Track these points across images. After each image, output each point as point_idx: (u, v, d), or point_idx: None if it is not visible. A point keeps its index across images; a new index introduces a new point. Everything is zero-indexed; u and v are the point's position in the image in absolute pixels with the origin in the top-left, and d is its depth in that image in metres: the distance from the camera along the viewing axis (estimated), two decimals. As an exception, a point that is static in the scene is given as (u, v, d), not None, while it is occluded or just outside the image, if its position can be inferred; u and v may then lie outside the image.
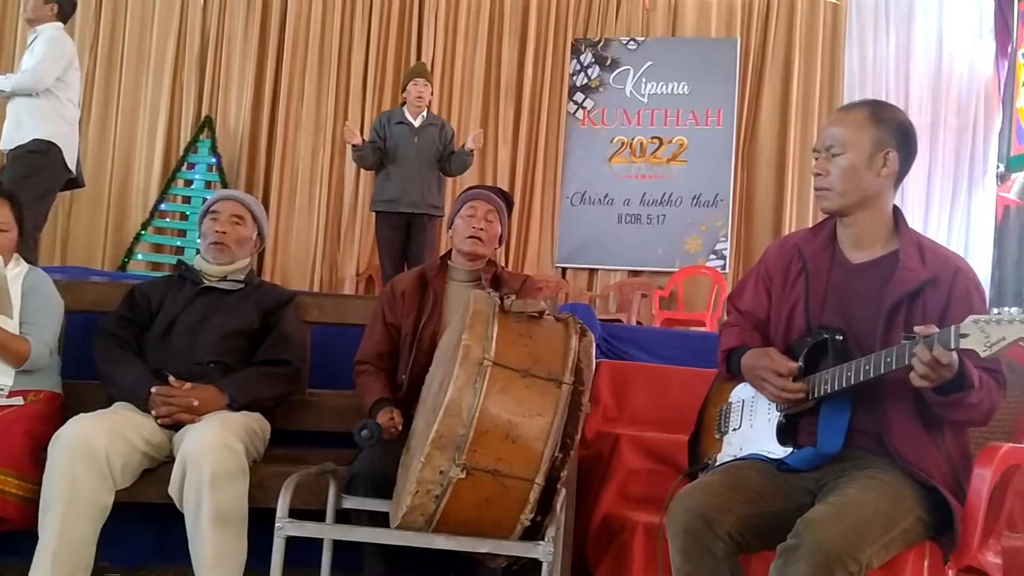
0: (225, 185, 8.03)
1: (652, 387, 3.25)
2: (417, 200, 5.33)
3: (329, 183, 8.44)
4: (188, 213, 8.16)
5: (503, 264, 5.82)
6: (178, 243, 8.15)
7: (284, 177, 8.43)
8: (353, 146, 5.37)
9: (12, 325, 2.67)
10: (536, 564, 2.01)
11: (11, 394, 2.66)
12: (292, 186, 8.43)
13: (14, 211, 2.88)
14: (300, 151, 8.45)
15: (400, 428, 2.46)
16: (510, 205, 3.06)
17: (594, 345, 2.01)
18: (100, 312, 2.99)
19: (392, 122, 5.45)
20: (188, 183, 8.22)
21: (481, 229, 2.84)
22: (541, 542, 1.92)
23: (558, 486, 1.90)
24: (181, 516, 2.41)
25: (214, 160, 8.15)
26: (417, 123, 5.40)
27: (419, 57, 8.43)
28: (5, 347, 2.64)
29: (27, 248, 3.43)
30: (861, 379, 1.85)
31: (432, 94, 5.68)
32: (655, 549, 2.42)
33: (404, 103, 5.52)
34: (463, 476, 1.84)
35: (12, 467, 2.42)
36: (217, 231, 2.85)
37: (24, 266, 2.83)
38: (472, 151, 5.41)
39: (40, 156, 4.69)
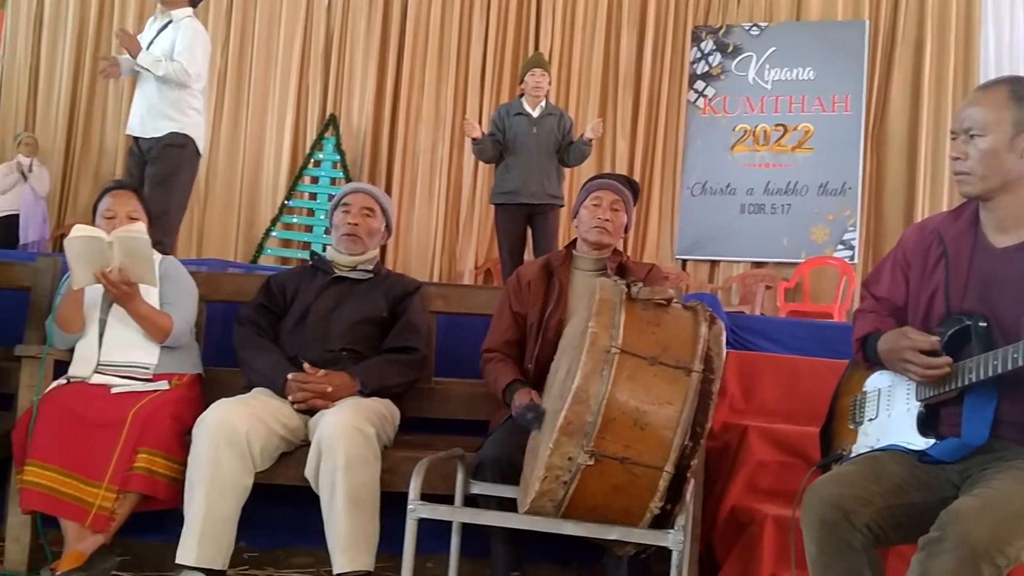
0: (349, 181, 8.24)
1: (781, 378, 3.17)
2: (537, 191, 5.31)
3: (448, 176, 8.57)
4: (314, 209, 8.41)
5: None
6: (305, 238, 8.41)
7: (405, 171, 8.60)
8: (473, 140, 5.39)
9: (154, 295, 2.81)
10: (664, 553, 2.01)
11: (155, 377, 2.80)
12: (412, 180, 8.59)
13: (141, 202, 3.03)
14: (420, 145, 8.60)
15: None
16: (636, 193, 3.03)
17: (724, 333, 1.98)
18: (238, 302, 3.12)
19: (511, 114, 5.43)
20: (314, 180, 8.47)
21: (607, 220, 2.82)
22: (671, 530, 1.91)
23: (688, 475, 1.88)
24: (315, 499, 2.50)
25: (338, 157, 8.37)
26: (536, 113, 5.36)
27: (537, 47, 8.46)
28: (150, 320, 2.77)
29: (168, 239, 3.60)
30: (1009, 367, 1.76)
31: (550, 84, 5.61)
32: (786, 542, 2.38)
33: (522, 94, 5.50)
34: (591, 463, 1.85)
35: (160, 448, 2.55)
36: (349, 223, 2.94)
37: (157, 254, 2.97)
38: (591, 141, 5.34)
39: (178, 150, 4.88)
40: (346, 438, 2.38)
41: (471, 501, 2.40)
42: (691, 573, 2.24)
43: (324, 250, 3.07)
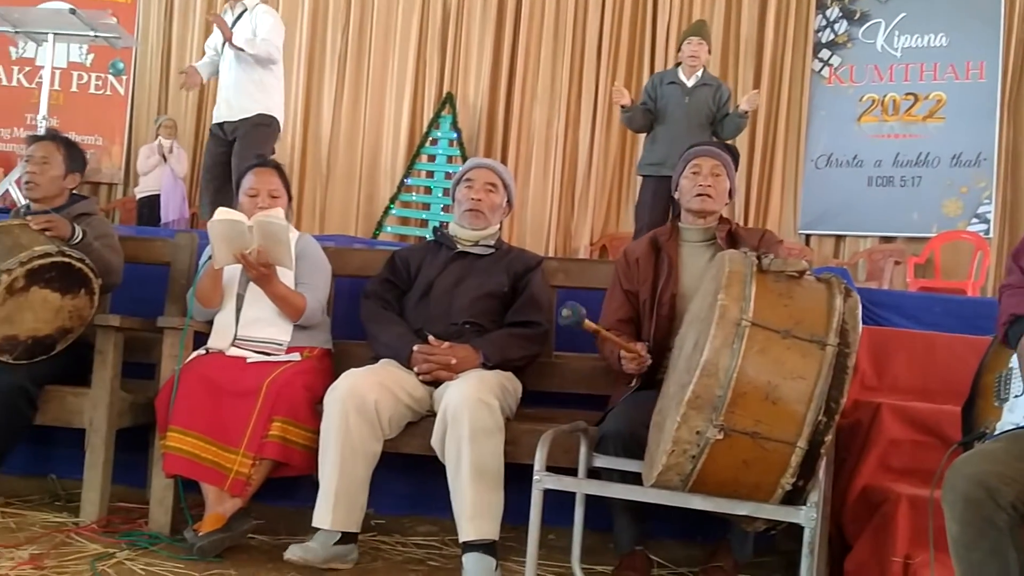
0: (465, 159, 8.30)
1: (915, 354, 3.05)
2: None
3: (563, 153, 8.53)
4: (431, 187, 8.53)
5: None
6: (422, 216, 8.54)
7: (520, 148, 8.61)
8: (622, 107, 5.22)
9: (289, 277, 2.91)
10: (792, 530, 1.97)
11: (289, 350, 2.91)
12: (527, 157, 8.59)
13: (282, 180, 3.12)
14: (535, 122, 8.59)
15: (650, 361, 2.45)
16: (736, 159, 2.95)
17: (860, 306, 1.91)
18: (364, 276, 3.20)
19: (664, 82, 5.24)
20: (431, 158, 8.57)
21: (709, 186, 2.75)
22: (803, 507, 1.87)
23: (822, 451, 1.84)
24: (439, 469, 2.54)
25: (455, 135, 8.45)
26: (690, 83, 5.15)
27: (655, 21, 8.34)
28: (285, 300, 2.87)
29: None
30: None
31: (709, 53, 5.37)
32: (920, 522, 2.31)
33: (679, 63, 5.32)
34: (720, 437, 1.82)
35: (293, 417, 2.64)
36: (472, 198, 2.96)
37: (295, 232, 3.06)
38: (747, 113, 5.09)
39: (266, 129, 5.15)
40: (471, 409, 2.42)
41: (593, 474, 2.40)
42: (821, 552, 2.19)
43: (444, 227, 3.10)
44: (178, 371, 2.74)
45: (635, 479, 2.18)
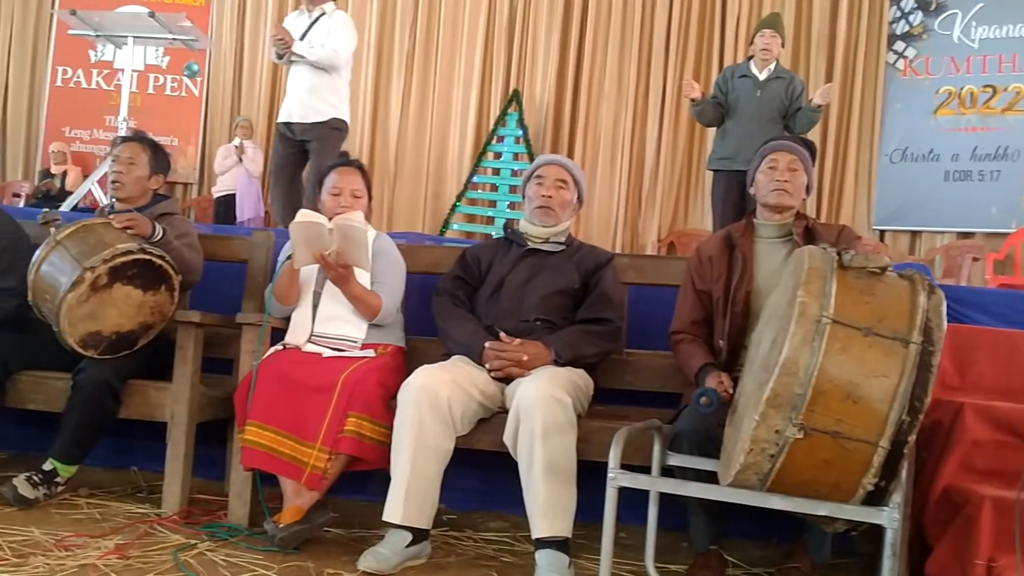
0: (532, 156, 8.31)
1: (999, 353, 2.96)
2: (753, 157, 5.07)
3: (631, 150, 8.50)
4: (497, 184, 8.55)
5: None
6: (488, 213, 8.58)
7: (587, 145, 8.60)
8: (691, 101, 5.19)
9: (366, 278, 2.94)
10: (872, 531, 1.93)
11: (363, 347, 2.94)
12: (594, 154, 8.57)
13: (364, 179, 3.16)
14: (602, 119, 8.57)
15: (731, 392, 2.43)
16: (814, 154, 2.89)
17: (944, 303, 1.87)
18: (435, 274, 3.22)
19: (735, 75, 5.18)
20: (497, 155, 8.60)
21: (786, 180, 2.70)
22: (886, 508, 1.84)
23: (904, 451, 1.80)
24: (510, 465, 2.55)
25: (521, 132, 8.46)
26: (762, 76, 5.08)
27: (724, 15, 8.25)
28: (361, 300, 2.92)
29: None
30: None
31: (783, 46, 5.30)
32: (1005, 524, 2.25)
33: (751, 56, 5.24)
34: (800, 436, 1.80)
35: (368, 413, 2.67)
36: (543, 195, 2.96)
37: (373, 231, 3.10)
38: (820, 107, 4.99)
39: (338, 133, 5.22)
40: (543, 406, 2.42)
41: (667, 473, 2.38)
42: (901, 554, 2.14)
43: (515, 224, 3.11)
44: (256, 366, 2.79)
45: (709, 478, 2.17)
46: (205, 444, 3.04)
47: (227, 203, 8.35)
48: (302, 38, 5.11)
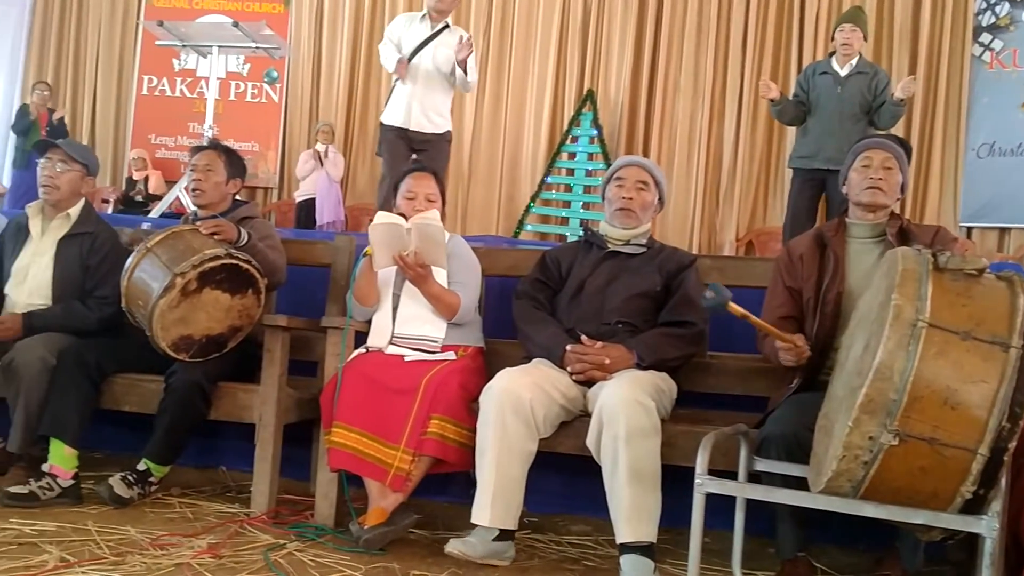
0: (607, 156, 8.28)
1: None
2: (834, 155, 4.84)
3: (708, 147, 8.41)
4: (571, 185, 8.54)
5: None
6: (563, 214, 8.57)
7: (662, 144, 8.53)
8: (771, 101, 5.14)
9: (443, 277, 2.97)
10: (968, 539, 1.88)
11: (444, 348, 2.97)
12: (670, 153, 8.50)
13: (438, 184, 3.19)
14: (678, 117, 8.50)
15: (808, 352, 2.37)
16: (909, 153, 2.81)
17: (1047, 306, 1.80)
18: (514, 276, 3.23)
19: (816, 72, 5.11)
20: (571, 156, 8.59)
21: (880, 179, 2.63)
22: (984, 516, 1.78)
23: (1004, 458, 1.74)
24: (593, 469, 2.54)
25: (595, 132, 8.43)
26: (843, 72, 4.99)
27: (802, 11, 8.10)
28: (440, 299, 2.95)
29: None
30: None
31: (865, 40, 5.19)
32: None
33: (833, 52, 5.16)
34: (895, 443, 1.75)
35: (450, 415, 2.69)
36: (623, 197, 2.94)
37: (447, 232, 3.12)
38: (903, 101, 4.87)
39: (448, 145, 5.34)
40: (627, 410, 2.40)
41: (753, 478, 2.35)
42: (999, 562, 2.07)
43: (594, 226, 3.10)
44: (340, 369, 2.83)
45: (798, 484, 2.13)
46: (291, 445, 3.10)
47: (308, 208, 8.49)
48: (421, 48, 5.12)
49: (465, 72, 5.05)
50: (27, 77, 10.17)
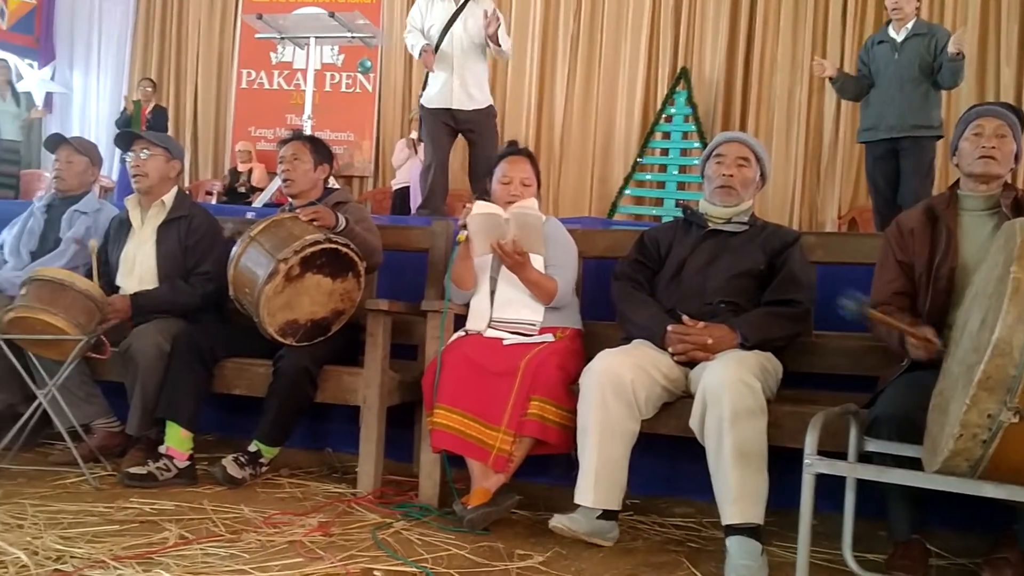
0: (702, 135, 8.15)
1: None
2: (896, 123, 4.81)
3: (807, 123, 8.20)
4: (666, 164, 8.43)
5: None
6: (657, 194, 8.47)
7: (760, 120, 8.35)
8: (830, 79, 5.06)
9: (539, 262, 2.97)
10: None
11: (542, 330, 2.97)
12: (768, 129, 8.32)
13: (534, 167, 3.19)
14: (776, 92, 8.30)
15: (941, 347, 2.30)
16: (1022, 119, 2.68)
17: None
18: (612, 258, 3.21)
19: (875, 43, 4.98)
20: (666, 135, 8.48)
21: (993, 147, 2.52)
22: (1116, 498, 1.70)
23: None
24: (693, 450, 2.52)
25: (690, 110, 8.30)
26: (900, 37, 4.84)
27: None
28: (538, 284, 2.95)
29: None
30: None
31: (919, 3, 5.03)
32: None
33: (891, 20, 4.99)
34: (1015, 421, 1.68)
35: (550, 396, 2.70)
36: (723, 174, 2.89)
37: (542, 216, 3.11)
38: (958, 54, 4.64)
39: (494, 121, 5.43)
40: (731, 390, 2.36)
41: (863, 459, 2.28)
42: None
43: (689, 206, 3.06)
44: (441, 352, 2.86)
45: (910, 464, 2.06)
46: (394, 427, 3.15)
47: (404, 196, 8.59)
48: (450, 24, 5.19)
49: (498, 44, 5.13)
50: (132, 74, 10.56)
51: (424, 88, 5.42)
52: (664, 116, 8.46)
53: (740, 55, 8.41)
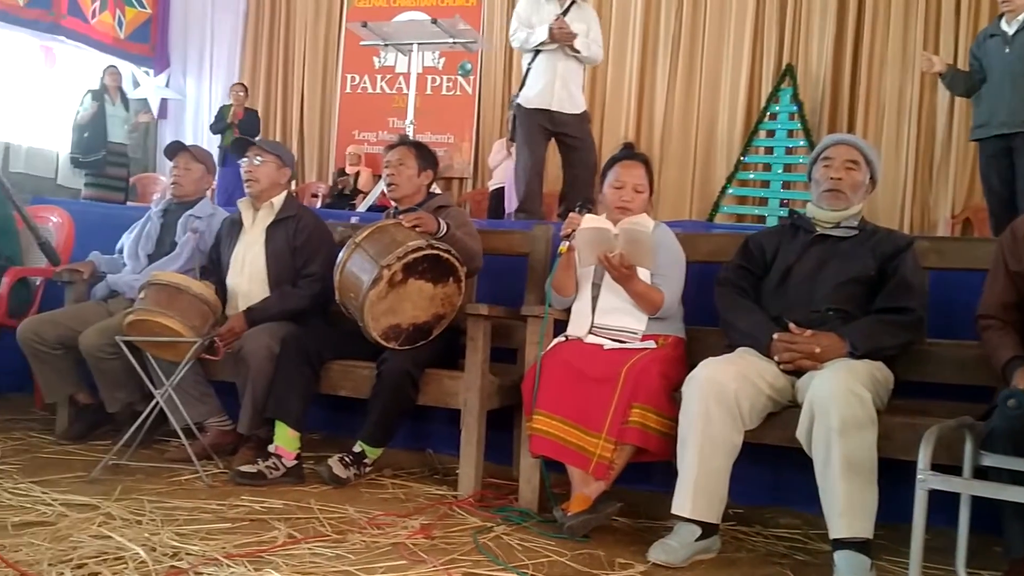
0: (808, 133, 7.96)
1: None
2: (1007, 119, 4.63)
3: (919, 120, 7.92)
4: (770, 163, 8.26)
5: None
6: (761, 194, 8.30)
7: (869, 118, 8.11)
8: (939, 75, 4.90)
9: (647, 276, 2.94)
10: None
11: (643, 338, 2.95)
12: (877, 127, 8.07)
13: (648, 173, 3.16)
14: (885, 89, 8.05)
15: None
16: None
17: None
18: (714, 262, 3.16)
19: (986, 37, 4.81)
20: (770, 134, 8.30)
21: None
22: None
23: None
24: (800, 460, 2.46)
25: (795, 108, 8.11)
26: (1011, 30, 4.66)
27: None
28: (643, 296, 2.93)
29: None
30: None
31: None
32: None
33: (1003, 14, 4.80)
34: None
35: (652, 404, 2.68)
36: (831, 177, 2.81)
37: (650, 221, 3.08)
38: None
39: (589, 126, 5.49)
40: (840, 401, 2.30)
41: (979, 473, 2.19)
42: None
43: (795, 210, 2.98)
44: (540, 357, 2.86)
45: (1028, 480, 1.98)
46: (494, 430, 3.17)
47: (499, 196, 8.63)
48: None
49: (576, 51, 5.17)
50: (242, 80, 10.89)
51: (521, 87, 5.40)
52: (768, 114, 8.28)
53: (848, 50, 8.17)
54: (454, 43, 6.57)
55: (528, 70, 5.34)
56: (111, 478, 2.99)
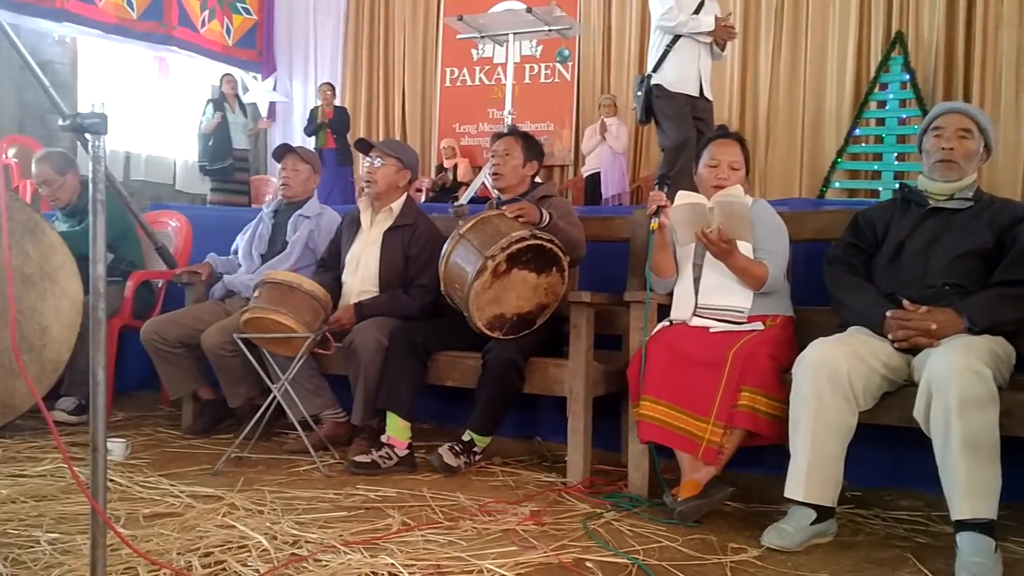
0: (921, 102, 7.66)
1: None
2: None
3: (1040, 82, 7.52)
4: (882, 135, 7.98)
5: None
6: (874, 167, 8.03)
7: (985, 85, 7.76)
8: None
9: (748, 250, 2.90)
10: None
11: (750, 319, 2.90)
12: (995, 94, 7.72)
13: (743, 151, 3.11)
14: (1003, 52, 7.68)
15: None
16: None
17: None
18: (823, 240, 3.09)
19: None
20: (881, 104, 8.02)
21: None
22: None
23: None
24: (919, 440, 2.37)
25: (907, 77, 7.82)
26: None
27: None
28: (746, 271, 2.88)
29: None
30: None
31: None
32: None
33: None
34: None
35: (761, 387, 2.63)
36: (944, 147, 2.68)
37: (748, 198, 3.03)
38: None
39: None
40: (959, 378, 2.21)
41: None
42: None
43: (897, 179, 2.88)
44: (645, 342, 2.85)
45: None
46: (601, 417, 3.17)
47: (594, 182, 8.62)
48: (698, 11, 5.22)
49: (723, 50, 5.29)
50: (344, 80, 11.15)
51: (656, 69, 5.30)
52: (879, 84, 8.01)
53: (961, 14, 7.82)
54: (549, 31, 6.56)
55: (666, 52, 5.26)
56: (234, 470, 3.12)
